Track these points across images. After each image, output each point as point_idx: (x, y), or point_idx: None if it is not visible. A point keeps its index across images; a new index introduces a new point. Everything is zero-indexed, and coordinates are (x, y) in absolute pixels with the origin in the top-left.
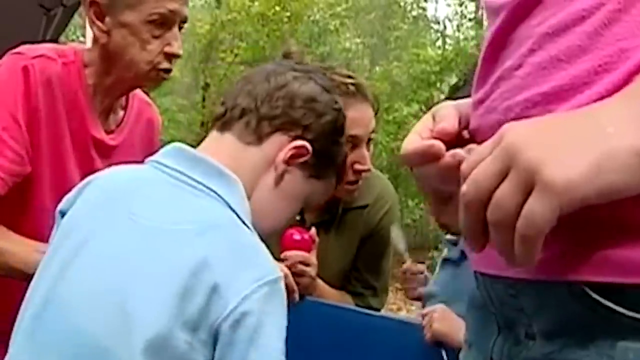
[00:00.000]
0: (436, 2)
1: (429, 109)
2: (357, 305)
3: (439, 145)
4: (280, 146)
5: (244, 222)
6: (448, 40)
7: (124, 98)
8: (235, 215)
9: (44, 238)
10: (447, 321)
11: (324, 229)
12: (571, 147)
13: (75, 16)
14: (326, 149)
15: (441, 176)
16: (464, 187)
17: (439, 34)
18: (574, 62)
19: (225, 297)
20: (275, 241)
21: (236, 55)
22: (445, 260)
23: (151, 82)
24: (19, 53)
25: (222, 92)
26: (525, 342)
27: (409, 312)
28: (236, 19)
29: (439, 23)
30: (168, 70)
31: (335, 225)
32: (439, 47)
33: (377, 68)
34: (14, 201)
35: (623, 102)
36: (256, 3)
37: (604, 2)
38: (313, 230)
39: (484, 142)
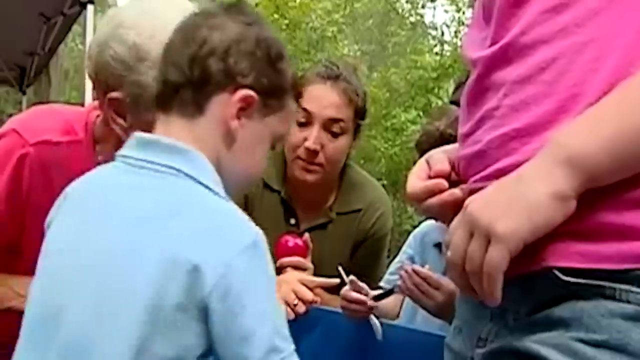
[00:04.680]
0: (434, 8)
1: (426, 115)
2: None
3: (443, 182)
4: (225, 105)
5: (214, 191)
6: (446, 47)
7: None
8: (202, 187)
9: None
10: None
11: (318, 234)
12: (509, 206)
13: (75, 24)
14: (271, 84)
15: (440, 209)
16: (448, 253)
17: (436, 40)
18: (539, 104)
19: (205, 274)
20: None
21: None
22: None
23: None
24: (20, 135)
25: None
26: (512, 323)
27: None
28: None
29: (436, 29)
30: None
31: (328, 230)
32: (437, 54)
33: (375, 74)
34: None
35: (537, 161)
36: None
37: (556, 56)
38: (306, 235)
39: (467, 167)
